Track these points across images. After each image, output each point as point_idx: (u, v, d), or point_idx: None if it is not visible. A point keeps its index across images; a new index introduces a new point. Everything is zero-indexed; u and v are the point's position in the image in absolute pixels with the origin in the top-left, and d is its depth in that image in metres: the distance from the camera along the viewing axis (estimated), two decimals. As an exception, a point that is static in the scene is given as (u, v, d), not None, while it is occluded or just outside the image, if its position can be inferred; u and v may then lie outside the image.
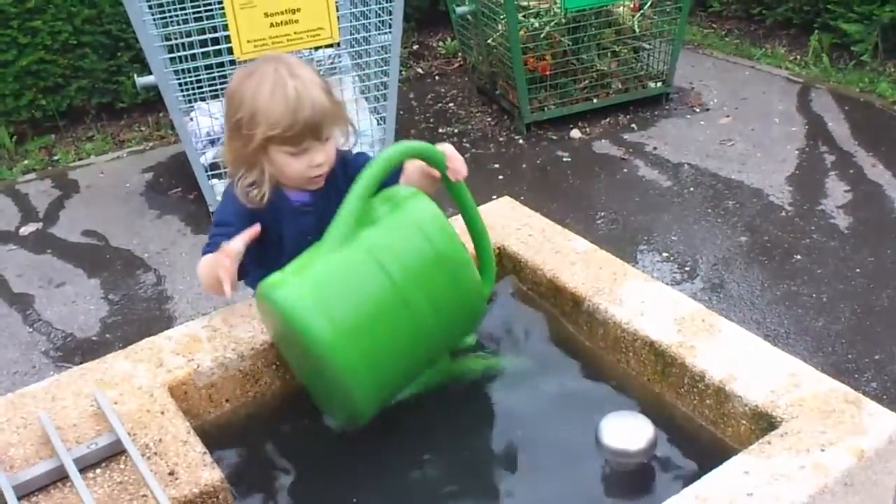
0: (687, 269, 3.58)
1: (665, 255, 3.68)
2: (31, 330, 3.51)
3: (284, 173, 1.73)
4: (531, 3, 4.74)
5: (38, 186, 4.71)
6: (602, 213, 4.05)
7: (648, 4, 4.86)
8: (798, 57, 5.56)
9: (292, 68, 1.69)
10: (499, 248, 1.94)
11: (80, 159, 4.97)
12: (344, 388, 1.47)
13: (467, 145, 4.82)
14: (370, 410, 1.52)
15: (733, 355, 1.57)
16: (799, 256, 3.60)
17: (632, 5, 4.82)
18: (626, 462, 1.45)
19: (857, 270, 3.48)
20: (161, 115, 5.19)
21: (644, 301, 1.72)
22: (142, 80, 3.89)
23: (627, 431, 1.45)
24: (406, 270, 1.50)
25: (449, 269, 1.54)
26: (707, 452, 1.49)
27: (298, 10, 3.64)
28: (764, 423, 1.45)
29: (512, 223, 2.01)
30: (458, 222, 1.77)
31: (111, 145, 5.10)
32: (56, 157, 5.00)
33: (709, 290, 3.43)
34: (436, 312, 1.52)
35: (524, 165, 4.56)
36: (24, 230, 4.27)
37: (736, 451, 1.38)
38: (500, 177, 4.46)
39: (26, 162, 4.96)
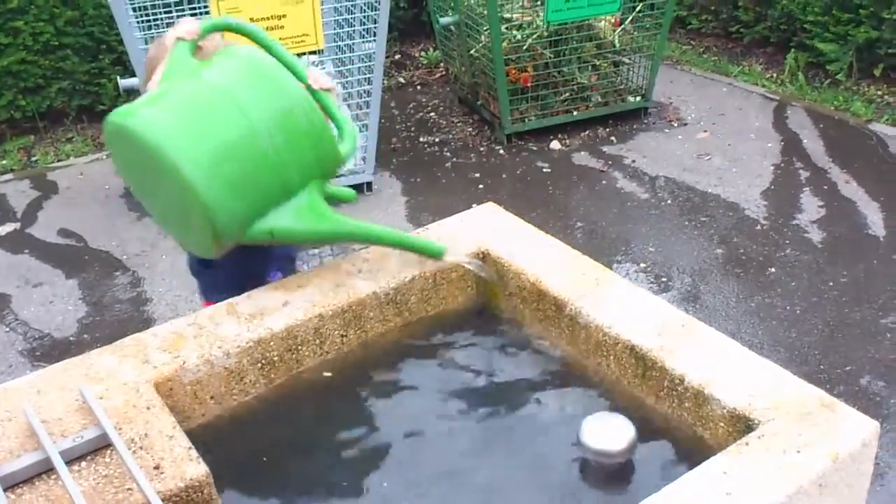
0: (663, 280, 3.62)
1: (642, 265, 3.73)
2: (7, 329, 3.49)
3: None
4: (514, 16, 4.79)
5: (17, 187, 4.68)
6: (580, 224, 4.09)
7: (629, 20, 4.93)
8: (775, 75, 5.66)
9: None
10: (483, 252, 1.96)
11: (59, 160, 4.96)
12: (199, 199, 1.61)
13: (448, 154, 4.86)
14: (227, 223, 1.66)
15: (712, 359, 1.60)
16: (773, 269, 3.66)
17: (613, 20, 4.89)
18: (607, 462, 1.48)
19: (830, 284, 3.54)
20: (142, 118, 5.18)
21: (625, 306, 1.75)
22: (124, 82, 3.90)
23: (608, 432, 1.47)
24: (245, 92, 1.69)
25: (276, 87, 1.71)
26: (686, 454, 1.52)
27: (284, 16, 3.67)
28: (741, 426, 1.48)
29: (496, 228, 2.04)
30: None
31: (91, 147, 5.09)
32: (35, 158, 4.98)
33: (684, 302, 3.47)
34: (276, 132, 1.69)
35: (504, 175, 4.60)
36: (2, 230, 4.25)
37: (714, 453, 1.41)
38: (481, 186, 4.49)
39: (4, 162, 4.94)
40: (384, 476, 1.54)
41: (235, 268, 2.09)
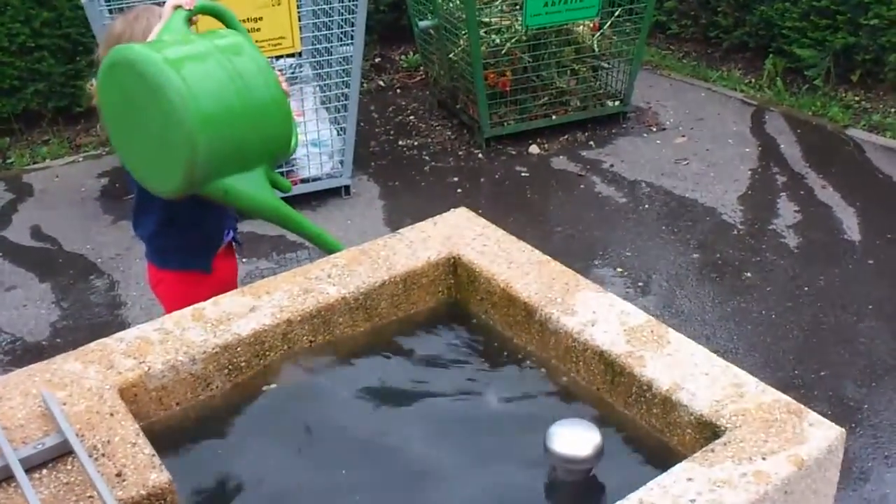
0: (640, 284, 3.63)
1: (619, 270, 3.73)
2: (-21, 333, 3.46)
3: None
4: (493, 20, 4.79)
5: (-9, 189, 4.65)
6: (558, 228, 4.09)
7: (608, 25, 4.94)
8: (753, 80, 5.69)
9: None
10: (454, 257, 1.95)
11: (35, 163, 4.92)
12: (188, 123, 1.76)
13: (427, 158, 4.85)
14: (204, 158, 1.81)
15: (680, 366, 1.60)
16: (749, 274, 3.67)
17: (591, 25, 4.90)
18: (574, 468, 1.47)
19: (806, 289, 3.56)
20: (119, 120, 5.14)
21: (595, 312, 1.74)
22: (100, 84, 3.86)
23: (575, 438, 1.46)
24: (242, 62, 1.87)
25: (268, 74, 1.89)
26: (653, 460, 1.51)
27: (260, 18, 3.65)
28: (708, 432, 1.48)
29: (468, 233, 2.03)
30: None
31: (67, 150, 5.05)
32: (10, 160, 4.94)
33: (661, 306, 3.48)
34: (258, 110, 1.87)
35: (483, 179, 4.60)
36: (-25, 233, 4.21)
37: (681, 459, 1.41)
38: (459, 190, 4.49)
39: (-21, 164, 4.90)
40: (349, 480, 1.52)
41: (194, 228, 2.19)
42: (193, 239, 2.30)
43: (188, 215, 2.22)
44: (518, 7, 4.76)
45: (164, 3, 2.02)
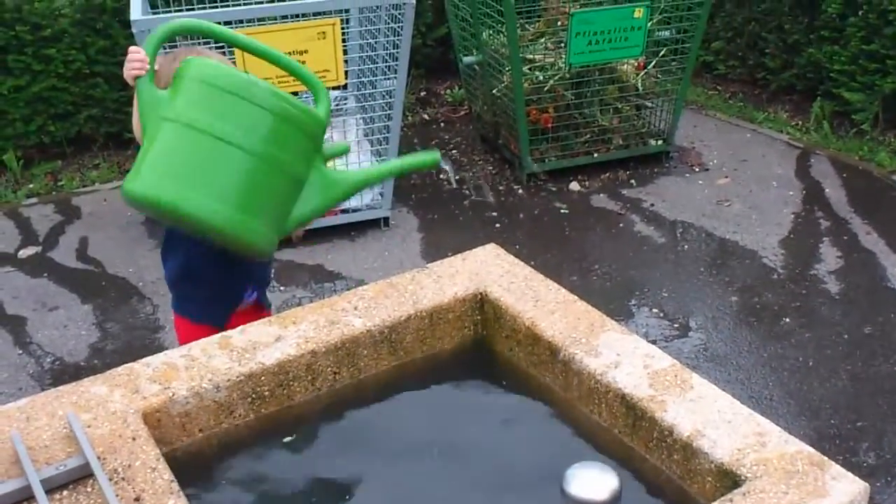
0: (677, 326, 3.59)
1: (656, 310, 3.70)
2: (20, 352, 3.53)
3: None
4: (536, 57, 4.82)
5: (41, 211, 4.76)
6: (596, 266, 4.07)
7: (653, 64, 4.94)
8: (800, 122, 5.63)
9: (208, 52, 2.06)
10: (481, 293, 1.96)
11: (84, 186, 5.03)
12: (232, 237, 1.75)
13: (467, 192, 4.87)
14: (261, 242, 1.79)
15: (703, 412, 1.58)
16: (788, 319, 3.61)
17: (636, 63, 4.90)
18: (590, 512, 1.45)
19: (846, 336, 3.49)
20: (167, 146, 5.24)
21: (619, 354, 1.73)
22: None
23: (592, 482, 1.45)
24: (224, 123, 1.74)
25: (245, 102, 1.75)
26: (671, 508, 1.50)
27: (306, 51, 3.71)
28: (728, 481, 1.46)
29: (496, 270, 2.04)
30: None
31: (116, 174, 5.16)
32: (61, 183, 5.06)
33: (697, 348, 3.44)
34: (269, 145, 1.76)
35: (522, 215, 4.61)
36: (23, 253, 4.31)
37: (699, 508, 1.39)
38: (498, 224, 4.49)
39: (31, 186, 5.02)
40: (366, 517, 1.53)
41: (210, 284, 2.21)
42: (209, 294, 2.27)
43: (206, 271, 2.21)
44: (562, 45, 4.78)
45: (203, 43, 2.03)
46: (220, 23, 2.05)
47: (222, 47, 3.48)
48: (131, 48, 1.89)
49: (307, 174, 1.85)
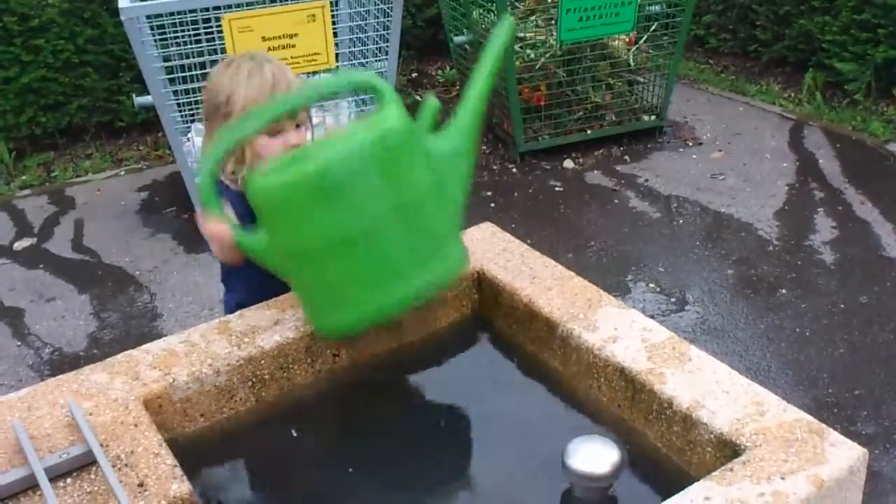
0: (674, 300, 3.60)
1: (652, 285, 3.71)
2: (19, 343, 3.53)
3: (262, 157, 1.84)
4: (527, 35, 4.80)
5: (35, 202, 4.75)
6: (592, 243, 4.08)
7: (644, 39, 4.93)
8: (792, 94, 5.63)
9: (267, 56, 1.90)
10: (478, 272, 1.96)
11: (77, 176, 5.02)
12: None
13: (461, 173, 4.86)
14: (450, 263, 1.67)
15: (702, 383, 1.58)
16: (784, 291, 3.63)
17: (627, 39, 4.88)
18: (592, 486, 1.46)
19: (842, 306, 3.50)
20: (159, 134, 5.24)
21: (617, 328, 1.74)
22: (140, 100, 3.95)
23: (594, 455, 1.46)
24: (329, 224, 1.57)
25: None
26: (672, 478, 1.50)
27: (296, 34, 3.70)
28: (728, 451, 1.47)
29: (492, 248, 2.04)
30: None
31: (109, 163, 5.15)
32: (54, 174, 5.05)
33: (694, 322, 3.45)
34: (373, 202, 1.58)
35: (516, 194, 4.61)
36: (18, 245, 4.30)
37: (700, 478, 1.40)
38: (493, 204, 4.49)
39: (24, 178, 5.01)
40: (371, 495, 1.54)
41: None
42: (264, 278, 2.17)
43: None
44: (553, 22, 4.76)
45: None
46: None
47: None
48: (205, 229, 1.85)
49: (434, 173, 1.72)
